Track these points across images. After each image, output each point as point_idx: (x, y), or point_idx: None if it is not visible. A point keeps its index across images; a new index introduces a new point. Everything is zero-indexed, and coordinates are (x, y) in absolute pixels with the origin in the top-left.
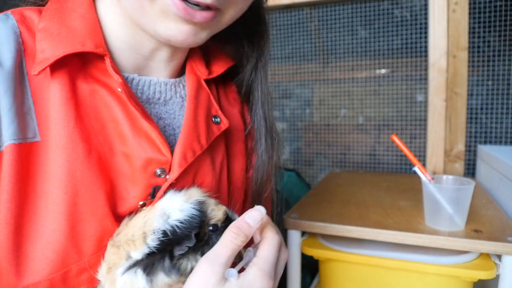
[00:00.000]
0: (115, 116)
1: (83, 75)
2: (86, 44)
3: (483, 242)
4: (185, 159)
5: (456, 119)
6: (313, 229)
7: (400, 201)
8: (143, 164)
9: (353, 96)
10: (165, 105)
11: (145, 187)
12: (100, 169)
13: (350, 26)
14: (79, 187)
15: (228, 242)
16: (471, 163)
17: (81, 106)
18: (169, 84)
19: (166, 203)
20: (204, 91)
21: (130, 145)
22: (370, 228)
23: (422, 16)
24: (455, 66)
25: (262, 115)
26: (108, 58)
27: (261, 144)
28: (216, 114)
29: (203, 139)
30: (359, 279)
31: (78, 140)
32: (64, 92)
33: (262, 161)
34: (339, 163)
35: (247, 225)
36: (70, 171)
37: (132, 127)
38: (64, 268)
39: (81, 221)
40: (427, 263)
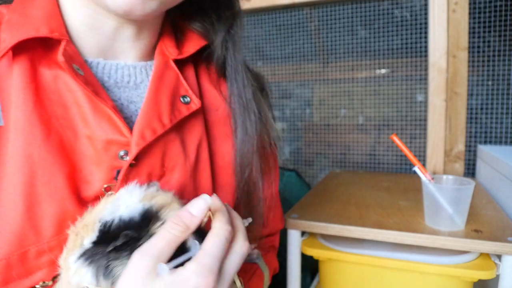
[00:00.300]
0: (78, 99)
1: (47, 61)
2: (40, 29)
3: (483, 242)
4: (142, 138)
5: (456, 119)
6: (313, 229)
7: (400, 201)
8: (104, 146)
9: (353, 96)
10: (136, 89)
11: (109, 170)
12: (60, 152)
13: (350, 26)
14: (37, 169)
15: (165, 232)
16: (471, 163)
17: (43, 90)
18: (139, 67)
19: (124, 195)
20: (171, 71)
21: (91, 127)
22: (370, 228)
23: (422, 16)
24: (455, 66)
25: (237, 92)
26: (64, 42)
27: (237, 125)
28: (185, 94)
29: (166, 118)
30: (359, 279)
31: (36, 122)
32: (24, 77)
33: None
34: (339, 163)
35: (189, 214)
36: (27, 153)
37: (93, 109)
38: (21, 249)
39: (39, 202)
40: (427, 263)
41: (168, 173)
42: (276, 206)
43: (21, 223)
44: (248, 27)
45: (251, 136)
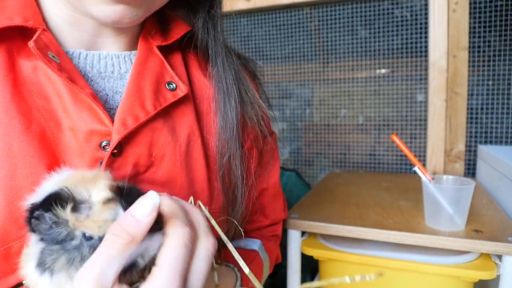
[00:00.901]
0: (58, 90)
1: (25, 52)
2: (14, 19)
3: (483, 242)
4: (124, 125)
5: (456, 119)
6: (313, 229)
7: (400, 201)
8: (85, 137)
9: (353, 96)
10: (121, 79)
11: (92, 161)
12: (42, 144)
13: (350, 26)
14: (17, 161)
15: (104, 249)
16: (471, 163)
17: (22, 82)
18: (122, 56)
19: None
20: (155, 58)
21: (73, 118)
22: (370, 228)
23: (422, 16)
24: (455, 66)
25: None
26: (39, 31)
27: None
28: (171, 80)
29: (149, 105)
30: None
31: (15, 114)
32: (1, 69)
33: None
34: (339, 163)
35: (134, 220)
36: (7, 145)
37: (73, 99)
38: (4, 245)
39: (21, 196)
40: (427, 263)
41: (157, 163)
42: (278, 196)
43: (2, 219)
44: (248, 27)
45: (231, 122)
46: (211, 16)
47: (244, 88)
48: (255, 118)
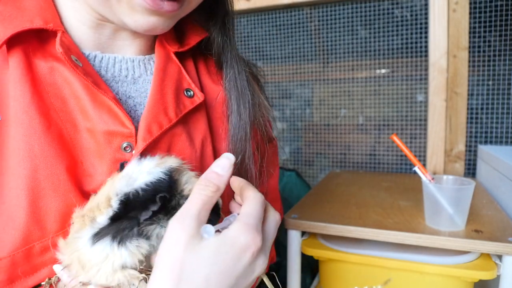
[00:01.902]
0: (76, 91)
1: (42, 53)
2: (35, 21)
3: (483, 242)
4: (149, 132)
5: (456, 119)
6: (313, 229)
7: (400, 201)
8: (106, 138)
9: (353, 96)
10: (135, 83)
11: (112, 162)
12: (61, 145)
13: (350, 26)
14: (39, 162)
15: (197, 195)
16: (471, 163)
17: (39, 83)
18: (137, 61)
19: (133, 167)
20: (173, 64)
21: (92, 119)
22: (370, 228)
23: (422, 16)
24: (456, 66)
25: (232, 78)
26: (60, 33)
27: (232, 111)
28: (188, 87)
29: (172, 112)
30: (359, 279)
31: (35, 114)
32: (19, 69)
33: (234, 126)
34: (339, 163)
35: (216, 174)
36: (28, 146)
37: (93, 101)
38: (26, 245)
39: (43, 197)
40: (427, 263)
41: None
42: (276, 200)
43: (25, 219)
44: (248, 27)
45: (244, 122)
46: (226, 21)
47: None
48: (262, 122)
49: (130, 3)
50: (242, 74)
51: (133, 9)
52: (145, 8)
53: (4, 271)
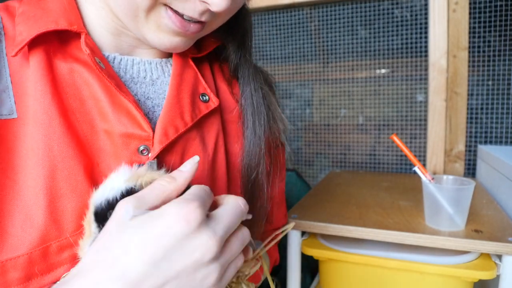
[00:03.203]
0: (95, 93)
1: (62, 54)
2: (59, 22)
3: (483, 242)
4: (166, 135)
5: (456, 119)
6: (313, 229)
7: (400, 201)
8: (124, 140)
9: (353, 96)
10: (153, 85)
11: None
12: (79, 146)
13: (350, 26)
14: (57, 162)
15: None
16: (471, 163)
17: (59, 83)
18: (154, 63)
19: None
20: (190, 69)
21: (110, 121)
22: (370, 228)
23: (422, 16)
24: (455, 66)
25: (249, 95)
26: (83, 35)
27: (246, 124)
28: (204, 92)
29: (187, 116)
30: (359, 279)
31: (55, 115)
32: (40, 69)
33: (249, 140)
34: (339, 163)
35: (178, 171)
36: (47, 146)
37: (112, 103)
38: (43, 244)
39: (61, 196)
40: (427, 263)
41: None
42: (282, 203)
43: (43, 218)
44: None
45: (259, 138)
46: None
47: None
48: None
49: (158, 22)
50: (258, 91)
51: (159, 29)
52: (172, 29)
53: (22, 269)
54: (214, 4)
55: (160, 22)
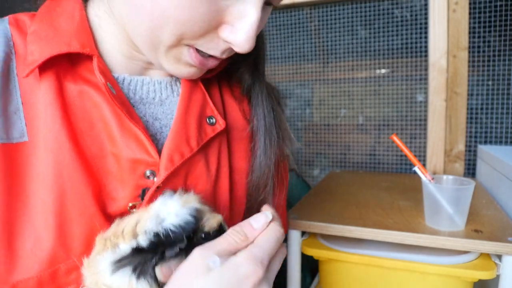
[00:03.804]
0: (104, 116)
1: (72, 76)
2: (72, 45)
3: (483, 242)
4: (171, 161)
5: (456, 119)
6: (313, 229)
7: (400, 201)
8: (131, 165)
9: (353, 96)
10: (162, 105)
11: (134, 188)
12: (88, 170)
13: (350, 26)
14: (66, 187)
15: (228, 236)
16: (471, 163)
17: (69, 106)
18: (164, 82)
19: (160, 207)
20: (199, 91)
21: (118, 145)
22: (370, 228)
23: (422, 16)
24: (455, 66)
25: (262, 116)
26: (95, 58)
27: (258, 145)
28: (211, 114)
29: (193, 141)
30: (359, 279)
31: (65, 140)
32: (51, 93)
33: (259, 162)
34: (339, 163)
35: (250, 226)
36: (57, 171)
37: (120, 128)
38: (52, 266)
39: (69, 221)
40: (427, 263)
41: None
42: (282, 216)
43: (52, 242)
44: None
45: (270, 159)
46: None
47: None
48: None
49: (178, 57)
50: (271, 113)
51: (178, 62)
52: (191, 64)
53: None
54: (238, 46)
55: (180, 57)
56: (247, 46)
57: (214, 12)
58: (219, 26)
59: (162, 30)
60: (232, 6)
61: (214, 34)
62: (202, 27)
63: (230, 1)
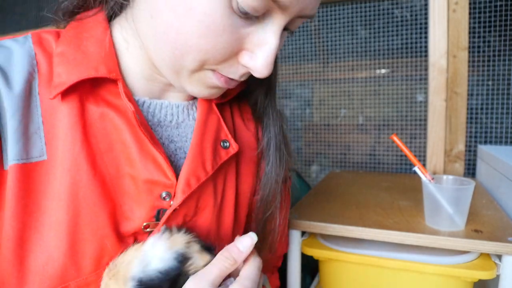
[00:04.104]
0: (124, 139)
1: (94, 98)
2: (99, 69)
3: (483, 242)
4: (188, 185)
5: (456, 119)
6: (313, 229)
7: (400, 201)
8: (148, 186)
9: (353, 96)
10: (177, 128)
11: (150, 209)
12: (104, 191)
13: (350, 26)
14: (81, 209)
15: (217, 264)
16: (471, 163)
17: (89, 128)
18: (181, 106)
19: (149, 249)
20: (214, 115)
21: (136, 167)
22: (370, 228)
23: (422, 16)
24: (455, 66)
25: (273, 133)
26: (121, 83)
27: (269, 161)
28: (225, 138)
29: (209, 165)
30: (359, 279)
31: (83, 163)
32: (73, 115)
33: (270, 178)
34: (339, 163)
35: (238, 250)
36: (73, 192)
37: (140, 151)
38: (62, 284)
39: (82, 240)
40: (427, 263)
41: (199, 212)
42: (284, 233)
43: (64, 260)
44: None
45: (279, 175)
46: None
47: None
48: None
49: (202, 80)
50: (281, 132)
51: (201, 84)
52: (215, 85)
53: None
54: (257, 71)
55: (203, 80)
56: (266, 71)
57: (236, 40)
58: (239, 52)
59: (185, 57)
60: (253, 34)
61: (234, 60)
62: (224, 54)
63: (251, 29)
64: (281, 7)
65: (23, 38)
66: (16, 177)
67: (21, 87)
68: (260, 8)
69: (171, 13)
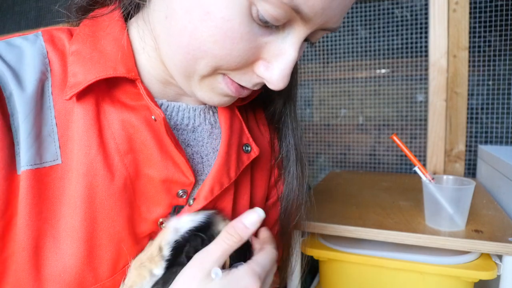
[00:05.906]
0: (144, 139)
1: (110, 99)
2: (118, 69)
3: (483, 242)
4: (211, 192)
5: (457, 119)
6: (313, 229)
7: (400, 201)
8: (166, 185)
9: (353, 96)
10: (194, 132)
11: (167, 207)
12: (122, 195)
13: (350, 26)
14: (98, 214)
15: (221, 241)
16: (471, 163)
17: (107, 130)
18: (198, 110)
19: (176, 221)
20: (237, 119)
21: (156, 167)
22: (370, 228)
23: (422, 16)
24: (456, 66)
25: (293, 143)
26: (140, 84)
27: (290, 172)
28: (247, 142)
29: (233, 172)
30: (359, 279)
31: (100, 167)
32: (88, 117)
33: (292, 189)
34: (339, 163)
35: (243, 226)
36: (89, 199)
37: (160, 150)
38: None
39: (99, 246)
40: (427, 263)
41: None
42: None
43: (81, 267)
44: None
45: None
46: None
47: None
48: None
49: (212, 86)
50: (301, 143)
51: (211, 90)
52: (226, 93)
53: None
54: (272, 83)
55: (215, 86)
56: (281, 84)
57: (253, 49)
58: (255, 61)
59: (198, 62)
60: (271, 44)
61: (249, 68)
62: (239, 62)
63: (270, 38)
64: (304, 18)
65: (33, 36)
66: (30, 182)
67: (34, 87)
68: (281, 17)
69: (186, 16)
